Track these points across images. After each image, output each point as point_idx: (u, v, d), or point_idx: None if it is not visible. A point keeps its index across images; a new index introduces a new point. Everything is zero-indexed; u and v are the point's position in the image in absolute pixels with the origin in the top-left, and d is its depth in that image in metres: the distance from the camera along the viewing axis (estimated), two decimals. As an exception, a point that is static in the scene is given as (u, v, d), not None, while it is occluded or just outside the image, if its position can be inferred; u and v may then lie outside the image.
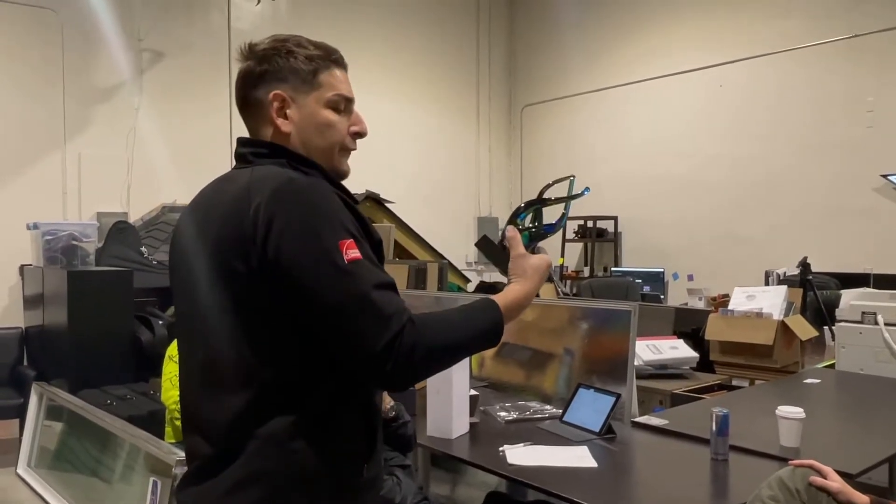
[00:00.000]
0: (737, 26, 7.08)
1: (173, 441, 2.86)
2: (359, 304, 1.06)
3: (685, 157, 7.49)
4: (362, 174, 7.85)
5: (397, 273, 4.56)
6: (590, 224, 8.18)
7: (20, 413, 4.52)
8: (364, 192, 5.74)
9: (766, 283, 5.23)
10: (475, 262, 9.17)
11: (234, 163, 1.29)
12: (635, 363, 2.64)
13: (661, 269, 7.52)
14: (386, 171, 7.77)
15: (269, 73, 1.23)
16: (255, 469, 1.11)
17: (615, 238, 8.15)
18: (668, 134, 7.66)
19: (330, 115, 1.25)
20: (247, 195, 1.13)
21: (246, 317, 1.13)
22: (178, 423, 2.95)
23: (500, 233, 1.40)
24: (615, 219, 8.14)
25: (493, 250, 1.43)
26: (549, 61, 9.04)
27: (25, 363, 5.09)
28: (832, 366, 3.62)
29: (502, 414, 2.61)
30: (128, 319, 4.53)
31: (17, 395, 4.67)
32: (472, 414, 2.47)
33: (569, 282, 8.16)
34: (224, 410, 1.13)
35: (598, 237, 8.17)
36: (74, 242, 4.84)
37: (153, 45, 6.65)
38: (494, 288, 7.78)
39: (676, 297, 7.15)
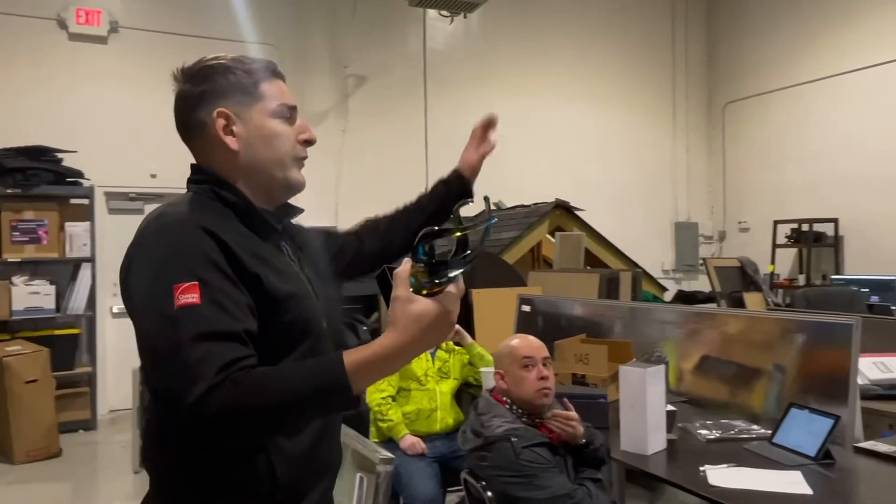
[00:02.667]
0: None
1: (377, 440, 3.04)
2: (171, 354, 1.00)
3: (921, 150, 6.60)
4: (551, 182, 7.83)
5: (588, 283, 4.43)
6: (805, 227, 7.48)
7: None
8: (553, 200, 5.73)
9: None
10: (672, 270, 8.76)
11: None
12: (859, 382, 2.38)
13: (894, 277, 6.68)
14: (575, 178, 7.70)
15: (209, 91, 1.19)
16: None
17: (835, 242, 7.39)
18: (899, 124, 6.80)
19: (277, 126, 1.22)
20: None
21: (141, 357, 1.13)
22: (381, 423, 3.14)
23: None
24: (835, 221, 7.37)
25: (387, 287, 1.08)
26: (754, 53, 8.43)
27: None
28: None
29: (703, 432, 2.48)
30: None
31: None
32: (669, 430, 2.38)
33: (780, 291, 7.53)
34: (147, 445, 1.21)
35: (815, 242, 7.45)
36: (292, 255, 5.34)
37: (357, 71, 7.18)
38: (694, 297, 7.37)
39: (912, 308, 6.30)
